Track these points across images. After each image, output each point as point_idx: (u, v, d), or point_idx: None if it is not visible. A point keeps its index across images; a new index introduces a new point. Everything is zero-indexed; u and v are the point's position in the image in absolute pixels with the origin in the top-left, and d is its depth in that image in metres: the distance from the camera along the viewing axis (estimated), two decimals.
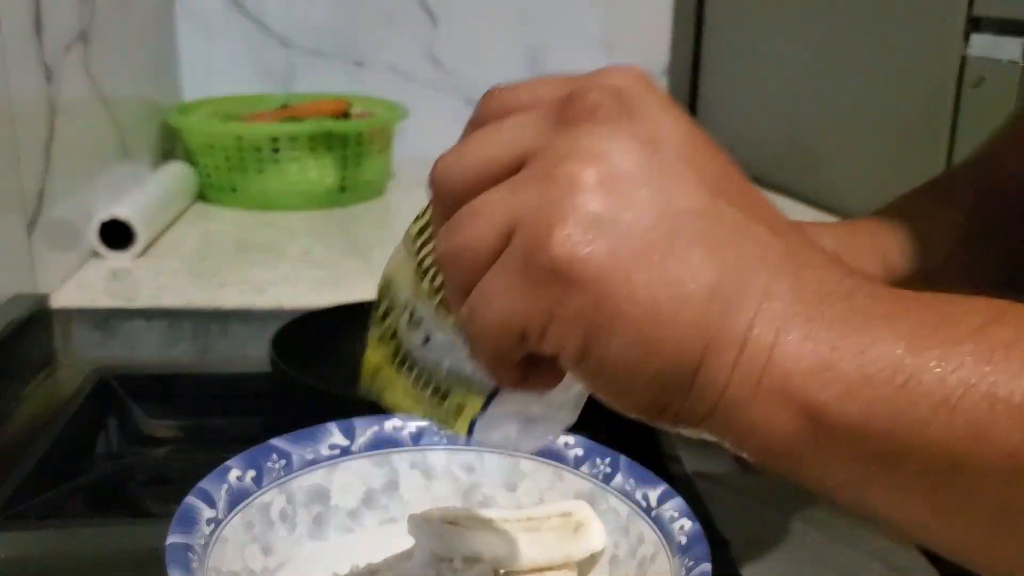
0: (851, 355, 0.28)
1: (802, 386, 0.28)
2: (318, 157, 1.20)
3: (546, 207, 0.29)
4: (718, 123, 1.50)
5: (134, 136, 1.15)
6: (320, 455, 0.51)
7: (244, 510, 0.48)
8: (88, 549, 0.57)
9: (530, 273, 0.29)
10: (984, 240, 0.62)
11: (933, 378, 0.28)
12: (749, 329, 0.29)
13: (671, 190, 0.29)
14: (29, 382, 0.80)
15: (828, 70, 1.19)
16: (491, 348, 0.31)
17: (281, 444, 0.51)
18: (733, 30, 1.43)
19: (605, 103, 0.31)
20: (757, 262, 0.29)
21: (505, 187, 0.31)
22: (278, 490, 0.50)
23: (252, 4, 1.38)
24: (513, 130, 0.32)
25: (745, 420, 0.29)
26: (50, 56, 0.89)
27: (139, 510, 0.68)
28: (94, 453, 0.75)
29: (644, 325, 0.29)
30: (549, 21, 1.47)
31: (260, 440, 0.50)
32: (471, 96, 1.47)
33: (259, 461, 0.49)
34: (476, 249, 0.30)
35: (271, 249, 1.06)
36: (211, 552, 0.44)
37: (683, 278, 0.29)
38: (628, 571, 0.47)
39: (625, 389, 0.30)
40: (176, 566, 0.41)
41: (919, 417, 0.28)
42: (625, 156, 0.30)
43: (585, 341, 0.29)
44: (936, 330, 0.28)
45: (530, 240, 0.29)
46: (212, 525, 0.45)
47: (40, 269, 0.87)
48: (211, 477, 0.47)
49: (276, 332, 0.74)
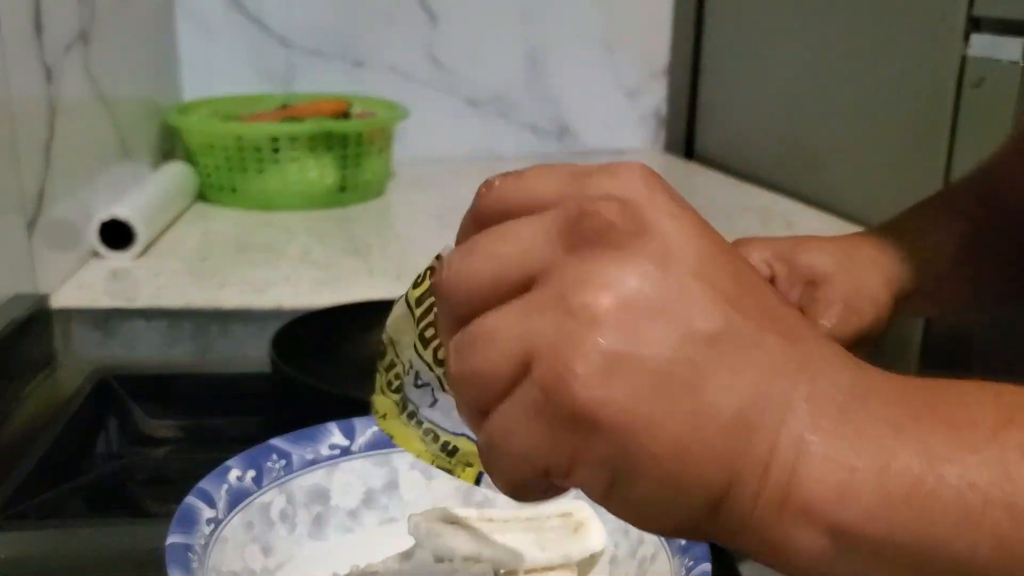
0: (871, 475, 0.29)
1: (823, 509, 0.29)
2: (318, 157, 1.21)
3: (564, 342, 0.29)
4: (718, 123, 1.50)
5: (134, 136, 1.15)
6: (320, 455, 0.51)
7: (244, 510, 0.48)
8: (88, 549, 0.57)
9: (551, 414, 0.29)
10: (988, 250, 0.62)
11: (952, 494, 0.28)
12: (771, 453, 0.29)
13: (687, 314, 0.29)
14: (29, 382, 0.80)
15: (828, 70, 1.19)
16: (510, 478, 0.32)
17: (281, 444, 0.51)
18: (733, 30, 1.44)
19: (616, 222, 0.30)
20: (774, 377, 0.30)
21: (518, 311, 0.30)
22: (278, 490, 0.50)
23: (252, 4, 1.38)
24: (520, 242, 0.31)
25: (769, 539, 0.30)
26: (50, 56, 0.89)
27: (139, 510, 0.68)
28: (94, 453, 0.75)
29: (669, 465, 0.29)
30: (549, 21, 1.47)
31: (260, 440, 0.50)
32: (471, 96, 1.47)
33: (259, 461, 0.49)
34: (492, 377, 0.30)
35: (271, 249, 1.06)
36: (211, 552, 0.44)
37: (706, 411, 0.29)
38: (628, 571, 0.47)
39: (651, 519, 0.31)
40: (176, 566, 0.41)
41: (942, 533, 0.28)
42: (640, 282, 0.29)
43: (610, 482, 0.30)
44: (950, 438, 0.29)
45: (549, 378, 0.29)
46: (212, 525, 0.45)
47: (40, 269, 0.87)
48: (211, 477, 0.47)
49: (276, 332, 0.74)
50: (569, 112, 1.52)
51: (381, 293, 0.89)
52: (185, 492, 0.46)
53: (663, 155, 1.54)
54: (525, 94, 1.49)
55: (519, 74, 1.48)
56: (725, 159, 1.44)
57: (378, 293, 0.89)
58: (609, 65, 1.52)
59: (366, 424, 0.53)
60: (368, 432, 0.53)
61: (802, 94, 1.25)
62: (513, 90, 1.49)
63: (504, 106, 1.49)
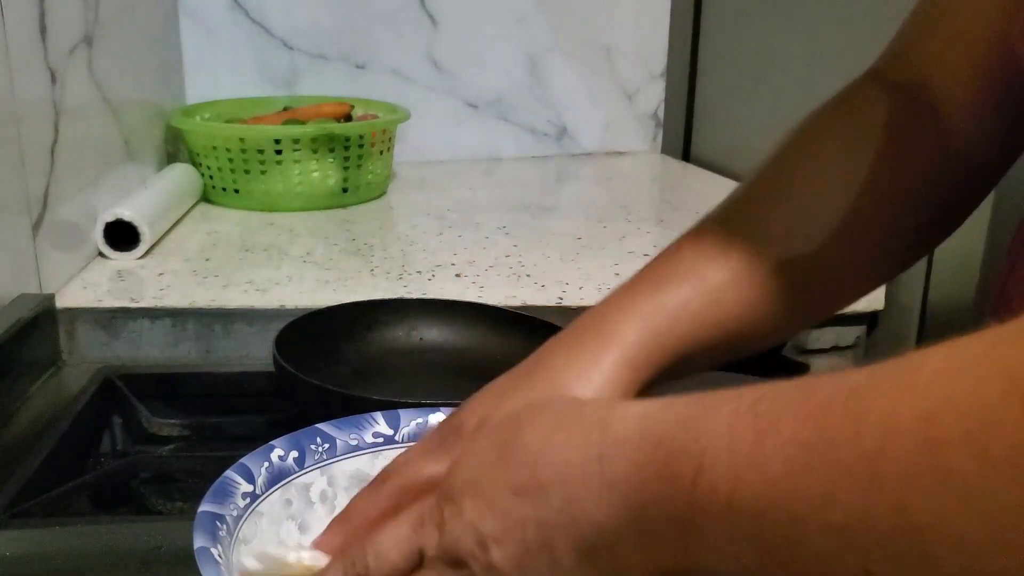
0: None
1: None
2: (320, 159, 1.21)
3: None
4: (715, 126, 1.51)
5: (138, 138, 1.16)
6: (364, 442, 0.52)
7: (284, 487, 0.49)
8: (93, 547, 0.57)
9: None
10: (897, 184, 0.53)
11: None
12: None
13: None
14: (34, 381, 0.80)
15: (825, 73, 1.19)
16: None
17: (326, 428, 0.51)
18: (730, 33, 1.44)
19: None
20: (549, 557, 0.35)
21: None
22: (320, 472, 0.50)
23: (255, 8, 1.39)
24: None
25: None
26: (54, 59, 0.90)
27: (144, 508, 0.69)
28: (99, 451, 0.76)
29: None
30: (548, 24, 1.48)
31: (264, 438, 0.51)
32: (471, 98, 1.48)
33: (303, 443, 0.50)
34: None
35: (274, 249, 1.07)
36: (244, 524, 0.45)
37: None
38: None
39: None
40: (202, 532, 0.42)
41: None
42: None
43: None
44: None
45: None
46: (248, 499, 0.46)
47: (45, 269, 0.87)
48: (253, 454, 0.48)
49: (279, 332, 0.75)
50: (568, 114, 1.53)
51: (383, 293, 0.90)
52: (190, 490, 0.47)
53: (660, 157, 1.55)
54: (524, 97, 1.50)
55: (519, 77, 1.49)
56: (722, 161, 1.45)
57: (380, 293, 0.89)
58: (607, 68, 1.52)
59: (411, 416, 0.54)
60: (412, 423, 0.53)
61: (799, 97, 1.25)
62: (513, 93, 1.49)
63: (504, 108, 1.50)
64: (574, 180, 1.50)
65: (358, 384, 0.74)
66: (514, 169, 1.47)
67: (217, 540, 0.42)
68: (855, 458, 0.27)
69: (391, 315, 0.83)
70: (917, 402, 0.26)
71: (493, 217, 1.21)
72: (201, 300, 0.90)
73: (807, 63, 1.24)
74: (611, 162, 1.53)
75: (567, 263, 1.03)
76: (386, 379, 0.78)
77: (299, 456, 0.50)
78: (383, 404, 0.55)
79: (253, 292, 0.92)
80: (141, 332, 0.88)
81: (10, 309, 0.81)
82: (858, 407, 0.27)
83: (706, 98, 1.51)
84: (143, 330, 0.88)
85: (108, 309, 0.89)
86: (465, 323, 0.83)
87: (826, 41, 1.20)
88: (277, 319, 0.81)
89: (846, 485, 0.27)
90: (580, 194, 1.46)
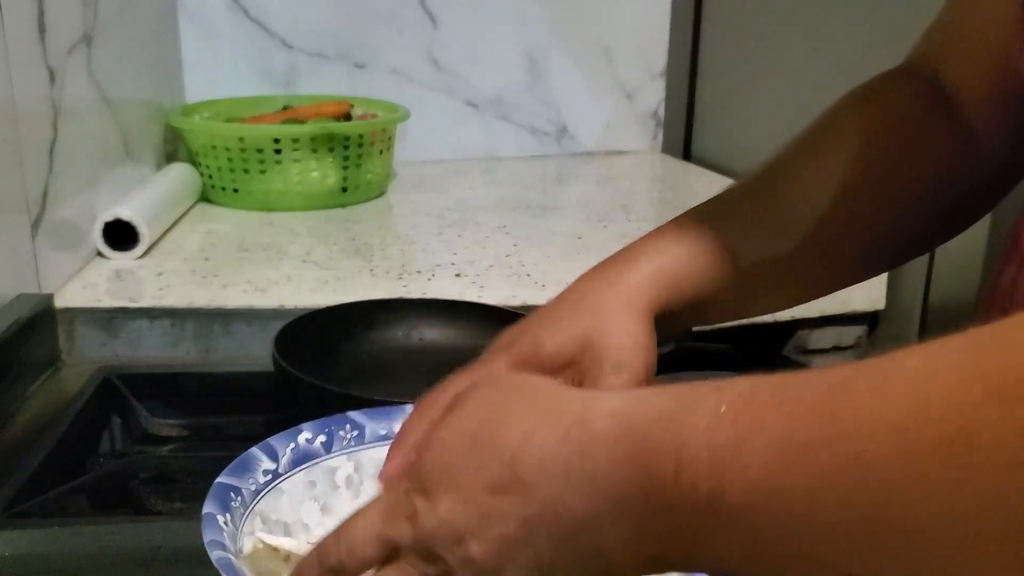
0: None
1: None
2: (320, 158, 1.21)
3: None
4: (716, 125, 1.51)
5: (137, 137, 1.16)
6: (393, 431, 0.51)
7: (309, 469, 0.49)
8: (92, 547, 0.57)
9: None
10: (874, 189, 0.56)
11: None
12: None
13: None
14: (33, 381, 0.80)
15: (825, 72, 1.19)
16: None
17: (357, 416, 0.52)
18: (730, 32, 1.44)
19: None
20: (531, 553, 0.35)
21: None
22: (347, 457, 0.51)
23: (254, 7, 1.39)
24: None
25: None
26: (53, 58, 0.90)
27: (143, 508, 0.69)
28: (98, 451, 0.76)
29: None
30: (548, 23, 1.48)
31: (262, 438, 0.51)
32: (471, 98, 1.48)
33: (332, 428, 0.51)
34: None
35: (273, 249, 1.07)
36: (262, 499, 0.46)
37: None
38: None
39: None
40: (215, 501, 0.42)
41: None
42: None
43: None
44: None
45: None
46: (269, 476, 0.47)
47: (44, 269, 0.87)
48: (281, 435, 0.49)
49: (278, 331, 0.75)
50: (568, 114, 1.53)
51: (382, 292, 0.90)
52: (189, 490, 0.47)
53: (661, 156, 1.55)
54: (524, 96, 1.50)
55: (519, 76, 1.49)
56: (722, 160, 1.45)
57: (379, 293, 0.89)
58: (608, 67, 1.52)
59: None
60: None
61: (799, 96, 1.25)
62: (513, 92, 1.49)
63: (504, 108, 1.49)
64: (574, 179, 1.49)
65: (357, 384, 0.74)
66: (514, 168, 1.47)
67: (228, 509, 0.42)
68: (833, 461, 0.27)
69: (391, 315, 0.83)
70: (893, 406, 0.26)
71: (493, 216, 1.21)
72: (200, 300, 0.90)
73: (807, 63, 1.24)
74: (611, 161, 1.53)
75: (567, 262, 1.03)
76: (386, 379, 0.78)
77: (327, 441, 0.50)
78: (383, 404, 0.55)
79: (252, 292, 0.92)
80: (140, 332, 0.88)
81: (9, 309, 0.80)
82: (835, 408, 0.28)
83: (706, 97, 1.51)
84: (142, 330, 0.88)
85: (107, 309, 0.88)
86: (465, 323, 0.83)
87: (826, 41, 1.20)
88: (276, 319, 0.81)
89: (825, 488, 0.27)
90: (580, 193, 1.46)
